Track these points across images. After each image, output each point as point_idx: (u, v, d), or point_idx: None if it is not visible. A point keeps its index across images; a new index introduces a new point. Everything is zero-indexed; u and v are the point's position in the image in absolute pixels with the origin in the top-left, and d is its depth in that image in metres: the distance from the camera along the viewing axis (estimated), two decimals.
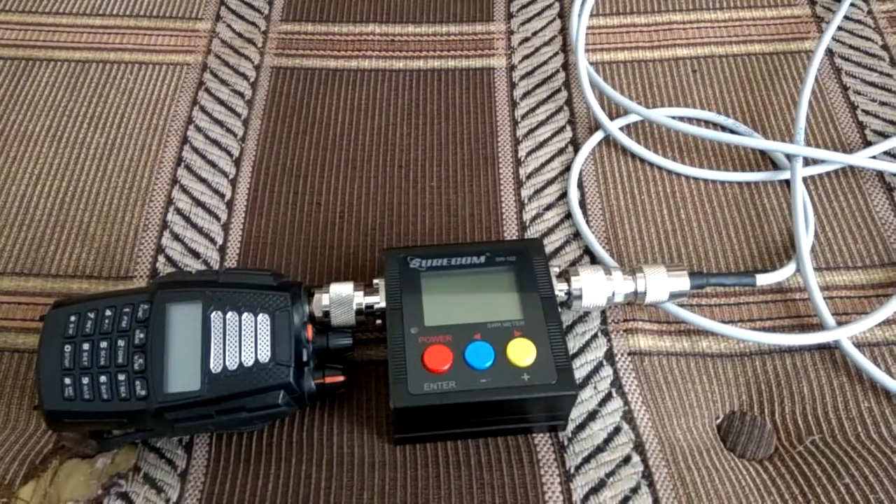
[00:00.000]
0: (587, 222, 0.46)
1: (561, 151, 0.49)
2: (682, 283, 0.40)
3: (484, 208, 0.47)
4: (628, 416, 0.39)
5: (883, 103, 0.51)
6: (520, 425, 0.37)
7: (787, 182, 0.48)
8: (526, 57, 0.54)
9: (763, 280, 0.42)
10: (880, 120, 0.50)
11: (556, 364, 0.35)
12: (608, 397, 0.39)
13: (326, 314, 0.38)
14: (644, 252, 0.45)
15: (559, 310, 0.38)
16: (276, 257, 0.45)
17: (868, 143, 0.49)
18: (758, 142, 0.47)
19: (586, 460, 0.37)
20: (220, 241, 0.45)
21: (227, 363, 0.34)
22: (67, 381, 0.34)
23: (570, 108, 0.51)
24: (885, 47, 0.54)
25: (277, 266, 0.44)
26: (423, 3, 0.57)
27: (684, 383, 0.40)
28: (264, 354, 0.35)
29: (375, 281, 0.39)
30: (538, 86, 0.52)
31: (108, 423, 0.35)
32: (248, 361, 0.35)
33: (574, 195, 0.47)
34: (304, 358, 0.36)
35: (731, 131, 0.50)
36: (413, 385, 0.35)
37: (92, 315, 0.35)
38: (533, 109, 0.51)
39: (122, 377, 0.34)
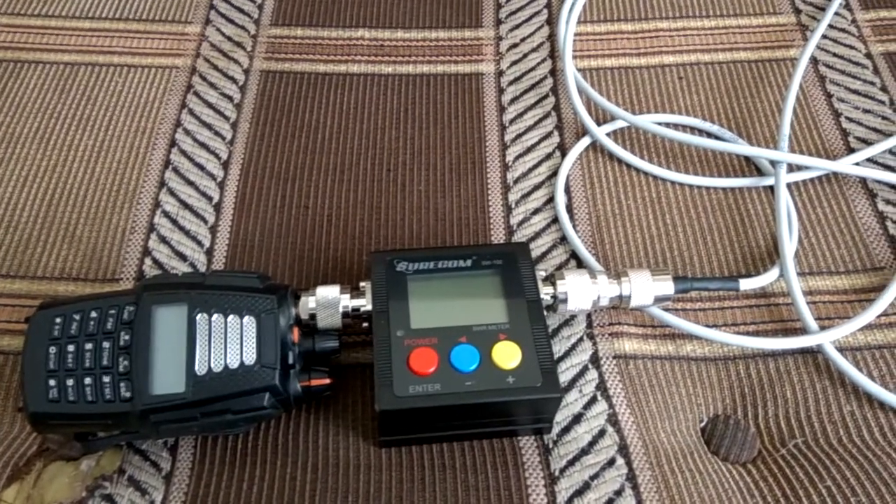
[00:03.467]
0: (574, 227, 0.46)
1: (548, 156, 0.49)
2: (667, 287, 0.40)
3: (471, 212, 0.47)
4: (613, 419, 0.39)
5: (866, 111, 0.51)
6: (505, 428, 0.38)
7: (772, 188, 0.48)
8: (514, 63, 0.54)
9: (747, 285, 0.42)
10: (863, 127, 0.51)
11: (541, 367, 0.36)
12: (593, 400, 0.40)
13: (313, 317, 0.38)
14: (629, 256, 0.45)
15: (545, 313, 0.38)
16: (264, 260, 0.45)
17: (851, 150, 0.50)
18: (742, 148, 0.48)
19: (571, 463, 0.38)
20: (207, 243, 0.45)
21: (213, 365, 0.34)
22: (52, 382, 0.34)
23: (558, 114, 0.51)
24: (868, 55, 0.54)
25: (264, 269, 0.44)
26: (412, 8, 0.57)
27: (668, 387, 0.40)
28: (250, 357, 0.35)
29: (362, 284, 0.39)
30: (526, 91, 0.53)
31: (92, 424, 0.35)
32: (234, 364, 0.35)
33: (561, 200, 0.47)
34: (290, 360, 0.36)
35: (717, 137, 0.50)
36: (398, 387, 0.35)
37: (77, 317, 0.35)
38: (521, 115, 0.51)
39: (106, 379, 0.34)
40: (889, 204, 0.47)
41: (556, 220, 0.46)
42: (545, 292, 0.39)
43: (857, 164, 0.48)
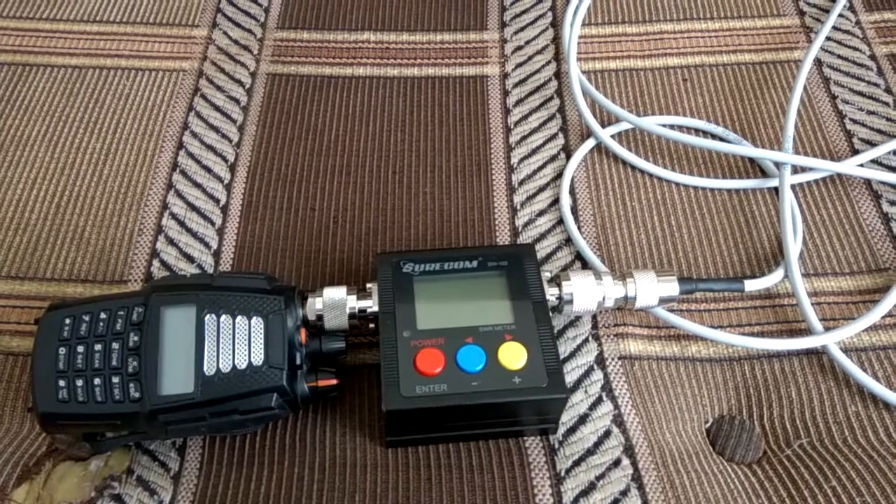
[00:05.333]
0: (579, 228, 0.46)
1: (553, 158, 0.50)
2: (672, 288, 0.40)
3: (477, 214, 0.47)
4: (618, 420, 0.39)
5: (870, 112, 0.52)
6: (511, 428, 0.38)
7: (776, 189, 0.48)
8: (519, 65, 0.55)
9: (751, 286, 0.42)
10: (867, 129, 0.51)
11: (547, 367, 0.36)
12: (598, 401, 0.40)
13: (320, 318, 0.38)
14: (634, 257, 0.45)
15: (550, 314, 0.38)
16: (271, 262, 0.45)
17: (855, 152, 0.50)
18: (747, 150, 0.48)
19: (577, 463, 0.38)
20: (214, 245, 0.45)
21: (221, 366, 0.35)
22: (62, 383, 0.34)
23: (563, 116, 0.52)
24: (872, 57, 0.55)
25: (271, 270, 0.45)
26: (417, 11, 0.58)
27: (674, 387, 0.40)
28: (258, 357, 0.35)
29: (369, 285, 0.39)
30: (531, 94, 0.53)
31: (101, 425, 0.35)
32: (242, 364, 0.35)
33: (566, 201, 0.47)
34: (298, 361, 0.36)
35: (721, 139, 0.50)
36: (405, 388, 0.35)
37: (86, 318, 0.36)
38: (526, 117, 0.52)
39: (115, 379, 0.34)
40: (894, 205, 0.47)
41: (561, 221, 0.47)
42: (551, 293, 0.39)
43: (862, 165, 0.48)
